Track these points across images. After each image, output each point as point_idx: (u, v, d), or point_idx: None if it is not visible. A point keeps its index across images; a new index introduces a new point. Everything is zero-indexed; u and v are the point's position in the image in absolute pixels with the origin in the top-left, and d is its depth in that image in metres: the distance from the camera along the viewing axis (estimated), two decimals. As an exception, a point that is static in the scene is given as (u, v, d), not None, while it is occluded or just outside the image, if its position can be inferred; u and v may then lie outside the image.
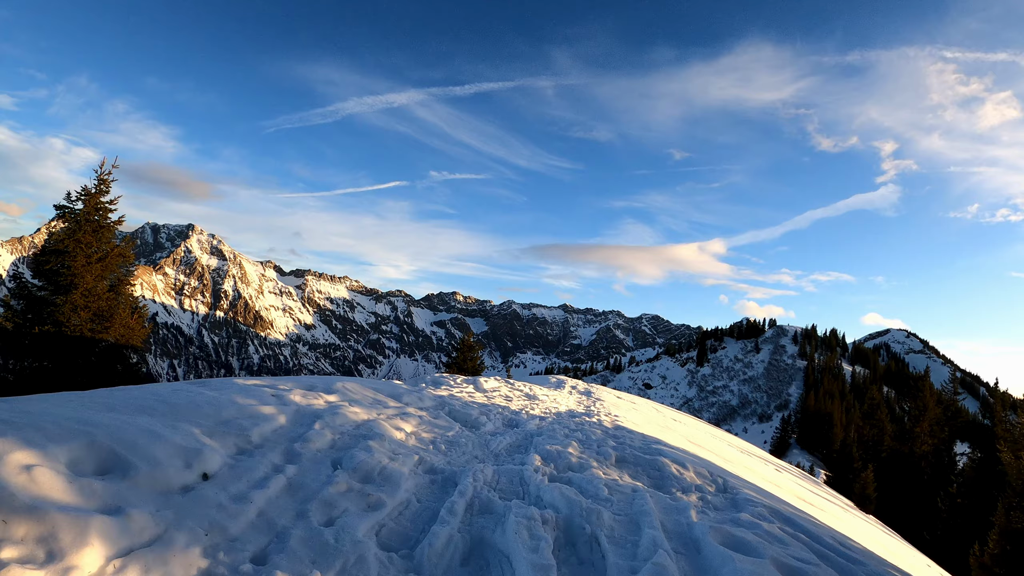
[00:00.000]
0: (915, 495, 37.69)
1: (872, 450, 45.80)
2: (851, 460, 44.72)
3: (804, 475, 32.81)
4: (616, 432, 11.12)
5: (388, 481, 5.30)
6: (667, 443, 11.61)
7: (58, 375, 15.54)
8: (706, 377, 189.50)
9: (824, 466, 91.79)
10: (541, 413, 12.64)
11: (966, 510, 30.05)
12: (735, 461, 17.70)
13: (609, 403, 21.44)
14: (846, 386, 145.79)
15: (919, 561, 18.07)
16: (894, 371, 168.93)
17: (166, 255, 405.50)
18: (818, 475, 72.47)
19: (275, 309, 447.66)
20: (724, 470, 10.82)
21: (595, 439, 9.46)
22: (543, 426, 10.49)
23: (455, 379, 15.05)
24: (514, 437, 8.89)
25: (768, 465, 24.56)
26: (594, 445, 8.87)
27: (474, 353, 37.14)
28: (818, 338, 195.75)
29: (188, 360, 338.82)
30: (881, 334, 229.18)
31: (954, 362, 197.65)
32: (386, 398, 9.23)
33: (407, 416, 8.28)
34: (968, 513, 29.90)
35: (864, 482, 34.02)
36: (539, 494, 5.60)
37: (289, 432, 5.99)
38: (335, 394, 8.04)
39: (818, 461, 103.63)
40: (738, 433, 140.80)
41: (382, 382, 10.82)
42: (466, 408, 10.46)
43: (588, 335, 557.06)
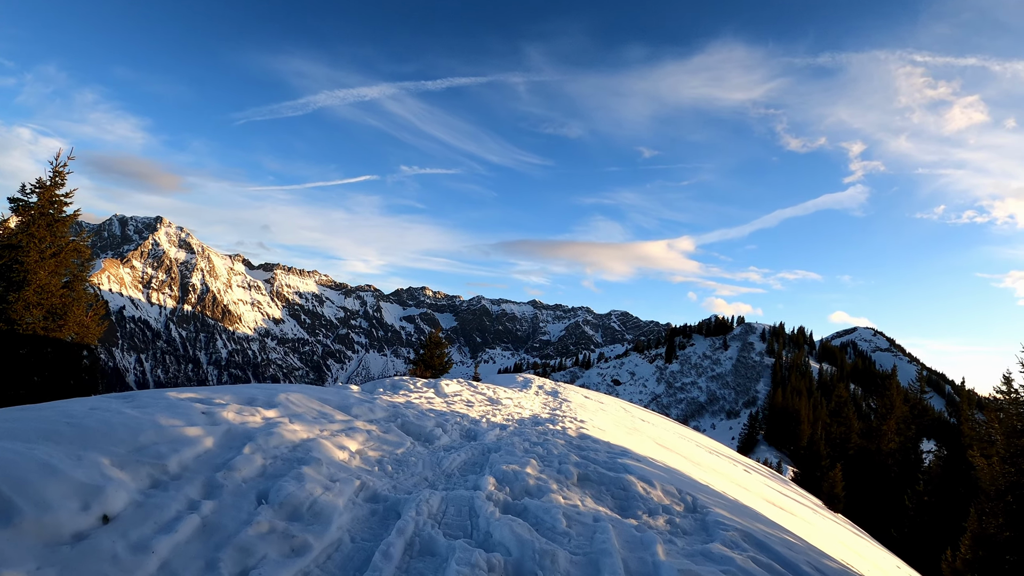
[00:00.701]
0: (883, 493, 37.84)
1: (840, 448, 46.00)
2: (819, 457, 44.84)
3: (773, 474, 32.75)
4: (580, 443, 10.64)
5: (319, 517, 4.68)
6: (634, 452, 11.16)
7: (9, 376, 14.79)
8: (675, 374, 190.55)
9: (791, 462, 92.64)
10: (503, 420, 12.13)
11: (933, 508, 30.24)
12: (704, 464, 17.35)
13: (576, 404, 21.05)
14: (813, 383, 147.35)
15: (889, 563, 17.95)
16: (861, 369, 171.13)
17: (134, 248, 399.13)
18: (786, 471, 73.21)
19: (243, 303, 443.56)
20: (694, 482, 10.40)
21: (557, 454, 8.93)
22: (503, 437, 9.99)
23: (416, 383, 14.46)
24: (469, 453, 8.30)
25: (737, 466, 24.43)
26: (555, 462, 8.31)
27: (441, 349, 36.79)
28: (786, 336, 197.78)
29: (156, 354, 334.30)
30: (848, 332, 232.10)
31: (920, 361, 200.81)
32: (333, 411, 8.62)
33: (354, 432, 7.68)
34: (935, 511, 30.10)
35: (832, 481, 34.07)
36: (489, 530, 4.97)
37: (214, 458, 5.29)
38: (276, 408, 7.42)
39: (785, 457, 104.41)
40: (706, 430, 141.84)
41: (333, 390, 10.16)
42: (421, 419, 9.88)
43: (557, 331, 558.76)
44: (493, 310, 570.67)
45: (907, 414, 43.48)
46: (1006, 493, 15.73)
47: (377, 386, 13.43)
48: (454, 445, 8.82)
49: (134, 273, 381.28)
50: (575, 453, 9.24)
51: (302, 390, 9.06)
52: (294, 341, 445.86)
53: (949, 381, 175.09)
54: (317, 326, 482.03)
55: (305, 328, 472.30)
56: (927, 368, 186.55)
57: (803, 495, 27.40)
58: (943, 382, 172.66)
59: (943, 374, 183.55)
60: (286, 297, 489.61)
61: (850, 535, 19.89)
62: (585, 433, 12.05)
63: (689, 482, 10.10)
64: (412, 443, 8.24)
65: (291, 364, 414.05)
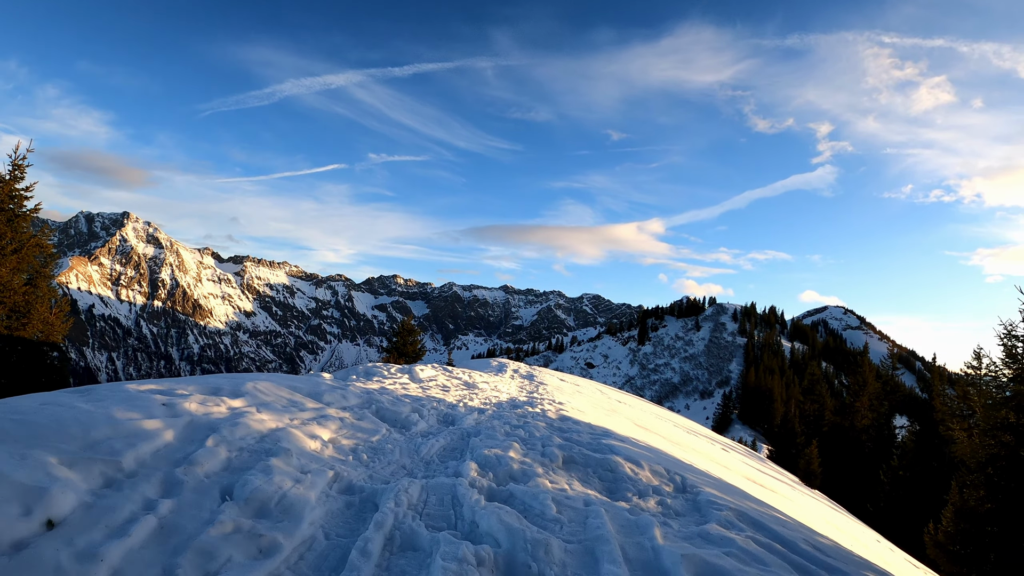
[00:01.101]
0: (857, 468, 38.30)
1: (814, 425, 46.40)
2: (794, 435, 45.20)
3: (750, 452, 32.86)
4: (562, 424, 10.32)
5: (289, 513, 4.26)
6: (616, 433, 10.89)
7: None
8: (648, 355, 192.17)
9: (766, 440, 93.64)
10: (480, 404, 11.78)
11: (908, 482, 30.69)
12: (684, 444, 17.24)
13: (552, 387, 20.81)
14: (785, 362, 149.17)
15: (868, 537, 18.00)
16: (832, 347, 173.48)
17: (101, 245, 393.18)
18: (760, 449, 73.80)
19: (214, 297, 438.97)
20: (678, 462, 10.16)
21: (539, 436, 8.59)
22: (482, 421, 9.61)
23: (389, 369, 14.06)
24: (449, 438, 7.94)
25: (715, 445, 24.43)
26: (538, 445, 7.99)
27: (414, 337, 36.48)
28: (757, 315, 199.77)
29: (127, 352, 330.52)
30: (819, 311, 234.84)
31: (891, 338, 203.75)
32: (304, 398, 8.20)
33: (326, 420, 7.26)
34: (910, 485, 30.59)
35: (809, 457, 34.35)
36: (474, 519, 4.56)
37: (174, 453, 4.85)
38: (242, 397, 6.96)
39: (760, 435, 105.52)
40: (680, 410, 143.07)
41: (303, 378, 9.71)
42: (396, 405, 9.47)
43: (529, 316, 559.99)
44: (465, 296, 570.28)
45: (879, 391, 43.98)
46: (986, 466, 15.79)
47: (350, 373, 13.02)
48: (432, 431, 8.47)
49: (102, 270, 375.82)
50: (558, 435, 8.91)
51: (271, 378, 8.62)
52: (266, 334, 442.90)
53: (919, 357, 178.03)
54: (289, 318, 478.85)
55: (277, 320, 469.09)
56: (897, 345, 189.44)
57: (780, 472, 27.51)
58: (913, 358, 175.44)
59: (913, 351, 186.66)
60: (257, 289, 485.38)
61: (829, 510, 19.94)
62: (565, 415, 11.75)
63: (674, 462, 9.85)
64: (388, 430, 7.88)
65: (264, 357, 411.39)
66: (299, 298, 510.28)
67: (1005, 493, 15.05)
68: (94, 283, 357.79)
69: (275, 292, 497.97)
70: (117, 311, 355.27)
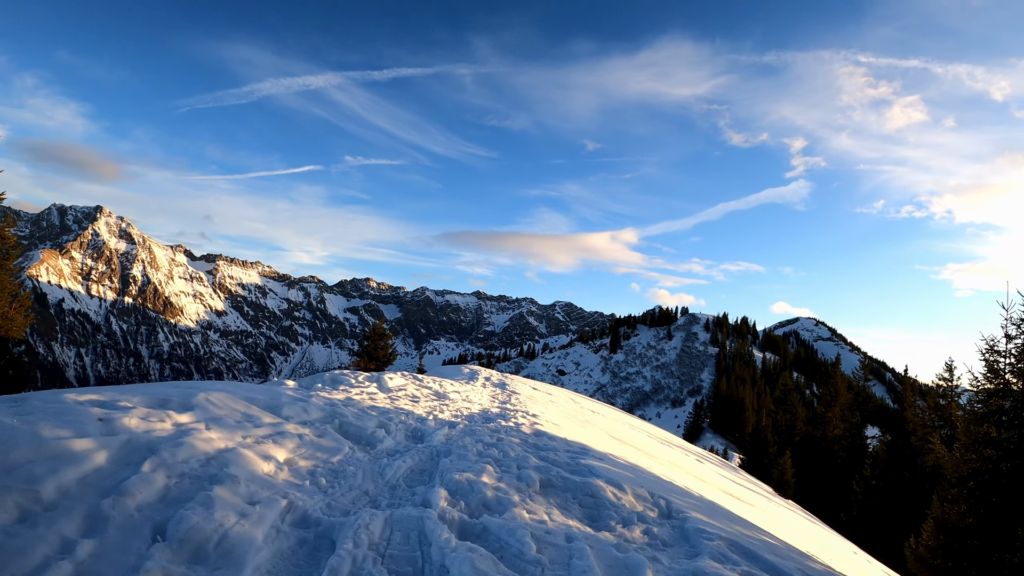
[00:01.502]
0: (830, 478, 38.39)
1: (786, 435, 46.43)
2: (766, 445, 45.12)
3: (723, 462, 32.73)
4: (537, 441, 9.81)
5: (229, 557, 3.63)
6: (594, 449, 10.43)
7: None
8: (619, 363, 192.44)
9: (737, 449, 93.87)
10: (451, 417, 11.24)
11: (880, 492, 30.80)
12: (660, 457, 17.00)
13: (525, 397, 20.44)
14: (757, 372, 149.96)
15: (846, 549, 17.85)
16: (803, 357, 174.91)
17: (73, 238, 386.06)
18: (731, 458, 73.89)
19: (185, 295, 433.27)
20: (660, 481, 9.72)
21: (514, 456, 8.03)
22: (452, 437, 9.09)
23: (357, 377, 13.45)
24: (417, 457, 7.33)
25: (688, 455, 24.26)
26: (513, 467, 7.40)
27: (385, 341, 36.08)
28: (729, 326, 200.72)
29: (96, 348, 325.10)
30: (791, 322, 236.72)
31: (861, 349, 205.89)
32: (261, 412, 7.47)
33: (283, 437, 6.52)
34: (882, 495, 30.63)
35: (782, 468, 34.25)
36: (444, 563, 3.95)
37: (104, 480, 4.18)
38: (191, 411, 6.25)
39: (731, 444, 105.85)
40: (651, 418, 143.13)
41: (263, 388, 9.07)
42: (362, 419, 8.81)
43: (502, 322, 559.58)
44: (437, 301, 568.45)
45: (851, 401, 44.22)
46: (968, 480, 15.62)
47: (315, 381, 12.38)
48: (399, 448, 7.87)
49: (73, 264, 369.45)
50: (533, 454, 8.40)
51: (227, 388, 7.96)
52: (237, 333, 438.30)
53: (889, 369, 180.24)
54: (260, 318, 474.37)
55: (248, 320, 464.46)
56: (869, 357, 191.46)
57: (754, 483, 27.44)
58: (884, 370, 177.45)
59: (883, 362, 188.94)
60: (229, 289, 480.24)
61: (806, 523, 19.86)
62: (540, 429, 11.25)
63: (656, 481, 9.42)
64: (351, 448, 7.26)
65: (234, 357, 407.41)
66: (271, 299, 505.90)
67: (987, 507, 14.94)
68: (65, 277, 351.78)
69: (247, 292, 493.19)
70: (87, 306, 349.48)
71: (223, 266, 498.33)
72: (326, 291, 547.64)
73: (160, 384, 7.43)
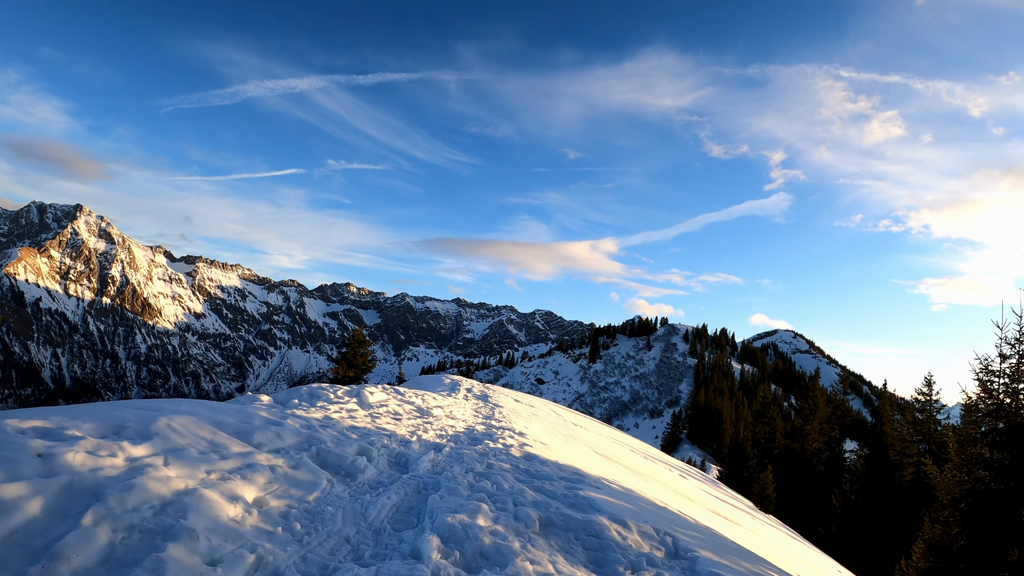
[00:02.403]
0: (809, 492, 38.44)
1: (765, 447, 46.43)
2: (746, 457, 45.04)
3: (704, 476, 32.48)
4: (529, 466, 9.17)
5: None
6: (588, 474, 9.90)
7: None
8: (598, 373, 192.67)
9: (715, 461, 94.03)
10: (436, 438, 10.58)
11: (859, 506, 30.95)
12: (646, 474, 16.87)
13: (508, 410, 20.14)
14: (735, 384, 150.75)
15: (830, 568, 17.89)
16: (782, 370, 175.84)
17: (52, 237, 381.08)
18: (709, 469, 73.88)
19: (164, 296, 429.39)
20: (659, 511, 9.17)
21: (508, 489, 7.33)
22: (439, 463, 8.45)
23: (336, 391, 12.71)
24: (403, 492, 6.59)
25: (672, 470, 24.03)
26: (509, 502, 6.68)
27: (365, 348, 35.71)
28: (708, 337, 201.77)
29: (73, 349, 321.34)
30: (769, 334, 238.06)
31: (839, 362, 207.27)
32: (229, 439, 6.50)
33: (253, 471, 5.66)
34: (861, 509, 30.68)
35: (764, 482, 34.24)
36: None
37: (36, 536, 3.42)
38: (149, 441, 5.36)
39: (709, 456, 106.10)
40: (629, 428, 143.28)
41: (234, 407, 8.23)
42: (341, 443, 8.00)
43: (481, 329, 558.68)
44: (417, 307, 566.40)
45: (830, 415, 44.31)
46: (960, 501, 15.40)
47: (292, 396, 11.63)
48: (382, 480, 7.12)
49: (52, 263, 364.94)
50: (528, 485, 7.73)
51: (193, 410, 7.07)
52: (215, 336, 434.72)
53: (867, 382, 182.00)
54: (239, 321, 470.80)
55: (227, 323, 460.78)
56: (846, 370, 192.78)
57: (736, 497, 27.41)
58: (861, 383, 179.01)
59: (860, 375, 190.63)
60: (208, 291, 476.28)
61: (793, 542, 19.68)
62: (530, 452, 10.62)
63: (656, 512, 8.86)
64: (329, 481, 6.41)
65: (212, 360, 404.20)
66: (250, 302, 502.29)
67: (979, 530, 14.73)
68: (42, 276, 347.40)
69: (226, 295, 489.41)
70: (64, 306, 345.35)
71: (203, 268, 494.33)
72: (306, 295, 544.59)
73: (119, 405, 6.58)
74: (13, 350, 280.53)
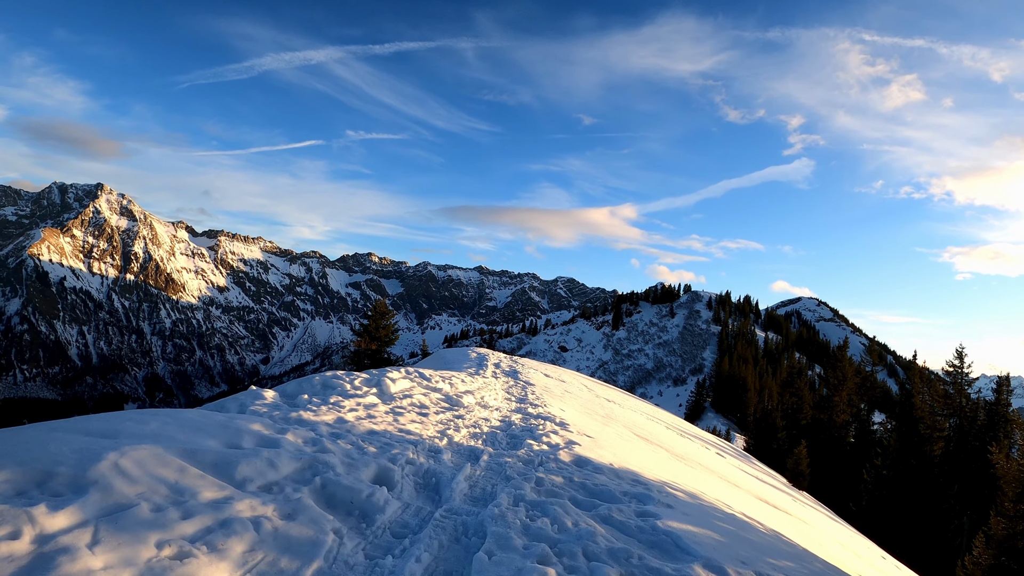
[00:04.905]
0: (839, 466, 37.84)
1: (792, 418, 45.37)
2: (774, 429, 43.92)
3: (738, 452, 31.38)
4: (584, 478, 7.58)
5: None
6: (649, 480, 8.57)
7: None
8: (621, 340, 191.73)
9: (739, 430, 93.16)
10: (470, 438, 9.17)
11: (891, 481, 30.04)
12: (691, 458, 16.10)
13: (540, 388, 19.13)
14: (759, 352, 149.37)
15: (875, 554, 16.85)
16: (805, 338, 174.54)
17: (74, 216, 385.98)
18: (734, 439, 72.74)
19: (187, 271, 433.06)
20: (742, 532, 7.72)
21: (572, 528, 5.46)
22: (478, 480, 6.92)
23: (353, 381, 11.15)
24: (435, 545, 4.79)
25: (709, 448, 23.01)
26: (579, 554, 4.84)
27: (388, 319, 34.75)
28: (732, 304, 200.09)
29: (98, 326, 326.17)
30: (792, 302, 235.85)
31: (863, 331, 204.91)
32: (202, 476, 4.58)
33: (228, 534, 3.87)
34: (893, 484, 29.95)
35: (798, 458, 33.33)
36: None
37: None
38: (81, 498, 3.63)
39: (733, 424, 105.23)
40: (653, 396, 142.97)
41: (219, 423, 6.07)
42: (356, 464, 6.05)
43: (504, 297, 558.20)
44: (439, 276, 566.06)
45: (858, 386, 43.63)
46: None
47: (302, 388, 10.06)
48: (408, 521, 5.30)
49: (75, 242, 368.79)
50: (594, 515, 6.10)
51: (162, 431, 5.15)
52: (239, 309, 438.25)
53: (891, 352, 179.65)
54: (262, 293, 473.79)
55: (250, 296, 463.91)
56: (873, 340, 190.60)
57: (770, 474, 26.73)
58: (885, 352, 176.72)
59: (885, 345, 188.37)
60: (230, 264, 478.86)
61: (835, 525, 18.96)
62: (580, 454, 9.02)
63: (738, 533, 7.37)
64: (337, 534, 4.53)
65: (236, 333, 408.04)
66: (273, 274, 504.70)
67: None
68: (66, 255, 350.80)
69: (249, 267, 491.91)
70: (89, 284, 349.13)
71: (225, 242, 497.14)
72: (328, 266, 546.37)
73: (69, 428, 4.80)
74: (39, 329, 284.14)
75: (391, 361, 35.25)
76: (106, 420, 5.17)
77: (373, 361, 33.50)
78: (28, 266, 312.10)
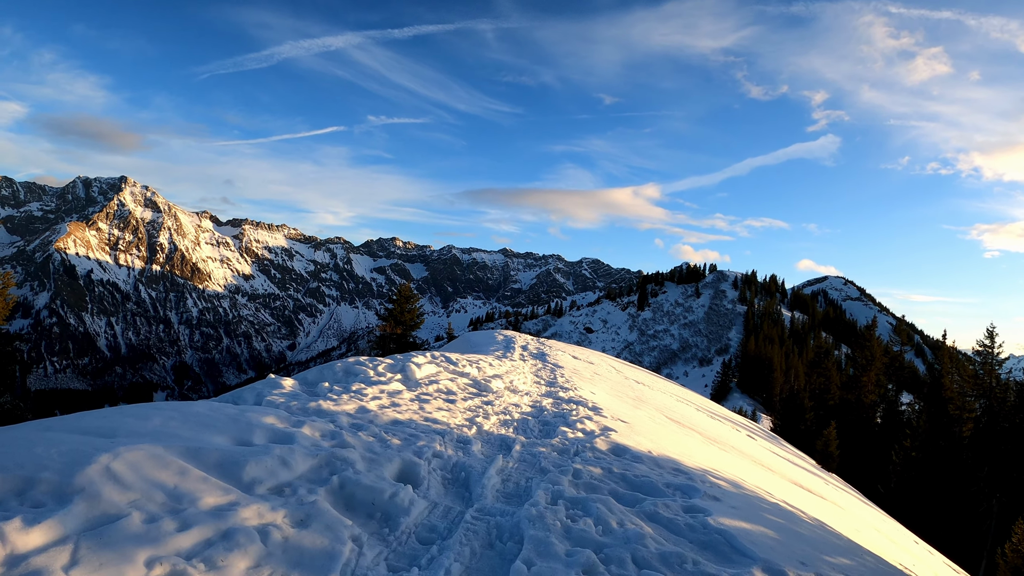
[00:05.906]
0: (866, 446, 37.64)
1: (820, 399, 44.77)
2: (802, 410, 43.32)
3: (767, 434, 30.87)
4: (624, 469, 7.07)
5: None
6: (691, 470, 8.05)
7: None
8: (647, 321, 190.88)
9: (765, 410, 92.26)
10: (500, 426, 8.72)
11: (920, 463, 29.57)
12: (723, 442, 15.86)
13: (570, 371, 18.62)
14: (785, 331, 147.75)
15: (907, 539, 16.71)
16: (832, 318, 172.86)
17: (99, 210, 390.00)
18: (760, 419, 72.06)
19: (212, 260, 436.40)
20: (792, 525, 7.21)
21: (618, 529, 4.92)
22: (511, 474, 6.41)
23: (377, 367, 10.68)
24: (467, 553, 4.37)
25: (740, 431, 22.55)
26: (627, 560, 4.33)
27: (412, 303, 34.49)
28: (758, 283, 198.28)
29: (126, 317, 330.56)
30: (819, 281, 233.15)
31: (890, 310, 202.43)
32: (205, 479, 4.09)
33: (230, 547, 3.42)
34: (921, 466, 29.46)
35: (827, 439, 32.83)
36: None
37: None
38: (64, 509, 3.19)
39: (759, 405, 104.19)
40: (679, 377, 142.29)
41: (228, 416, 5.50)
42: (378, 458, 5.56)
43: (528, 279, 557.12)
44: (464, 259, 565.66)
45: (886, 367, 43.07)
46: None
47: (324, 375, 9.60)
48: (435, 523, 4.80)
49: (100, 235, 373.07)
50: (639, 513, 5.54)
51: (164, 428, 4.82)
52: (265, 296, 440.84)
53: (919, 331, 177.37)
54: (287, 280, 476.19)
55: (275, 283, 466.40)
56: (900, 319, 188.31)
57: (799, 455, 26.13)
58: (913, 332, 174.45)
59: (912, 324, 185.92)
60: (255, 252, 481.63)
61: (867, 509, 18.61)
62: (617, 442, 8.50)
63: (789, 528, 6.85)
64: (356, 542, 4.05)
65: (263, 320, 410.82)
66: (297, 261, 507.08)
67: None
68: (92, 248, 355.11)
69: (273, 255, 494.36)
70: (115, 276, 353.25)
71: (249, 230, 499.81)
72: (352, 252, 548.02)
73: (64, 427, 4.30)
74: (68, 322, 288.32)
75: (416, 345, 35.01)
76: (105, 417, 4.70)
77: (399, 345, 33.29)
78: (55, 260, 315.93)
